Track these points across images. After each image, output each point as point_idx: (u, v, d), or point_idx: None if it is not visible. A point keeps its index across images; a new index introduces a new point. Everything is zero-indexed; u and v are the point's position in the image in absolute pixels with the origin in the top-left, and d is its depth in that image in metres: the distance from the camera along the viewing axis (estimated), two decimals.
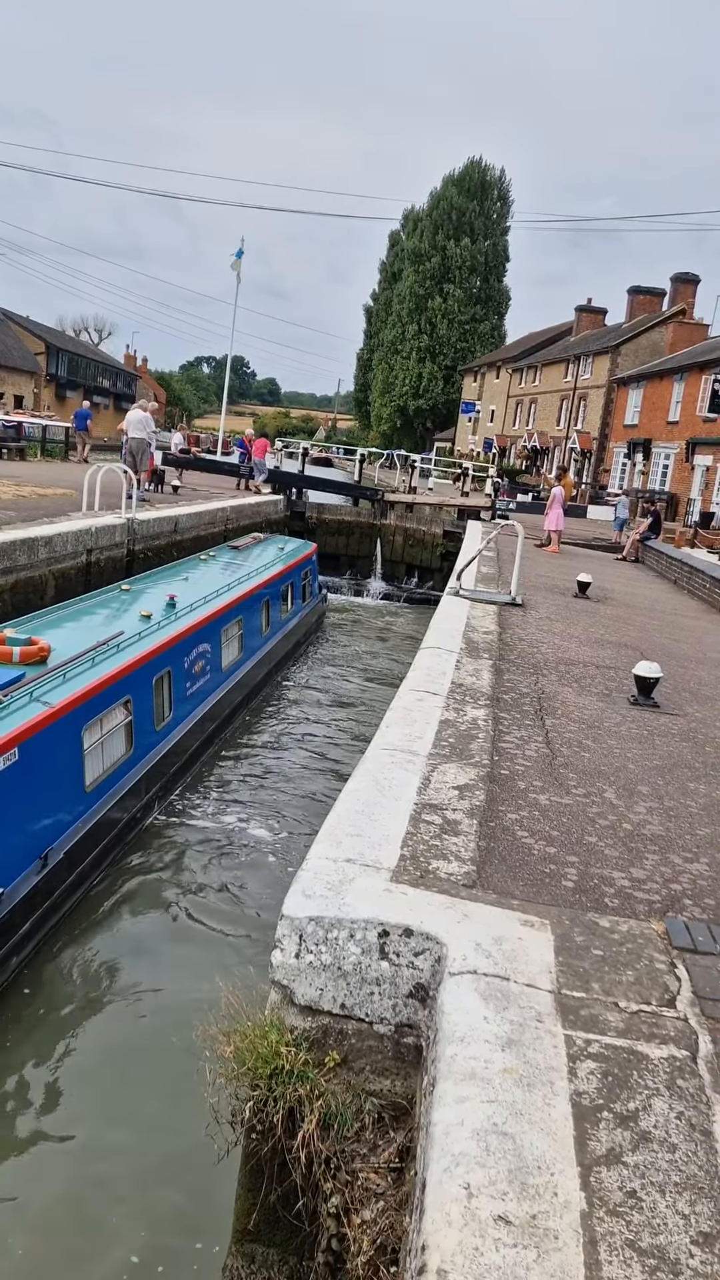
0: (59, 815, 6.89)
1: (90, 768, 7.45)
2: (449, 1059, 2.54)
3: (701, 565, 17.22)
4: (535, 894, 3.61)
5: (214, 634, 11.03)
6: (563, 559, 18.65)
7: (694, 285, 44.04)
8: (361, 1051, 3.08)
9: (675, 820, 4.70)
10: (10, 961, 6.10)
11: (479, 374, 63.60)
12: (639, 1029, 2.79)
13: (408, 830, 3.97)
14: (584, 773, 5.22)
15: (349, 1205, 2.83)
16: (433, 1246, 1.95)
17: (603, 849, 4.18)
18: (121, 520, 14.84)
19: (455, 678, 6.87)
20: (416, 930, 3.12)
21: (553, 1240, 1.99)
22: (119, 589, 11.23)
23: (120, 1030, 5.97)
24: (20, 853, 6.31)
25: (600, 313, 53.19)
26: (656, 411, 38.09)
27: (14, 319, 61.95)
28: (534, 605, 11.51)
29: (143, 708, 8.60)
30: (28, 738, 6.33)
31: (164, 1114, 5.19)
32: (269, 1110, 2.96)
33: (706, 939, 3.41)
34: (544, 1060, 2.57)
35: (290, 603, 15.98)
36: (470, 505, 28.15)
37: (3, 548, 11.43)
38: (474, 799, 4.48)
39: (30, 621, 8.99)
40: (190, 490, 23.56)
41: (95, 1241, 4.48)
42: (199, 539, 17.82)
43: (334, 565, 25.29)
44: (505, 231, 67.91)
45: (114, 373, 74.65)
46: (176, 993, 6.31)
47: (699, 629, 12.33)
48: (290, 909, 3.20)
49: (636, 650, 9.37)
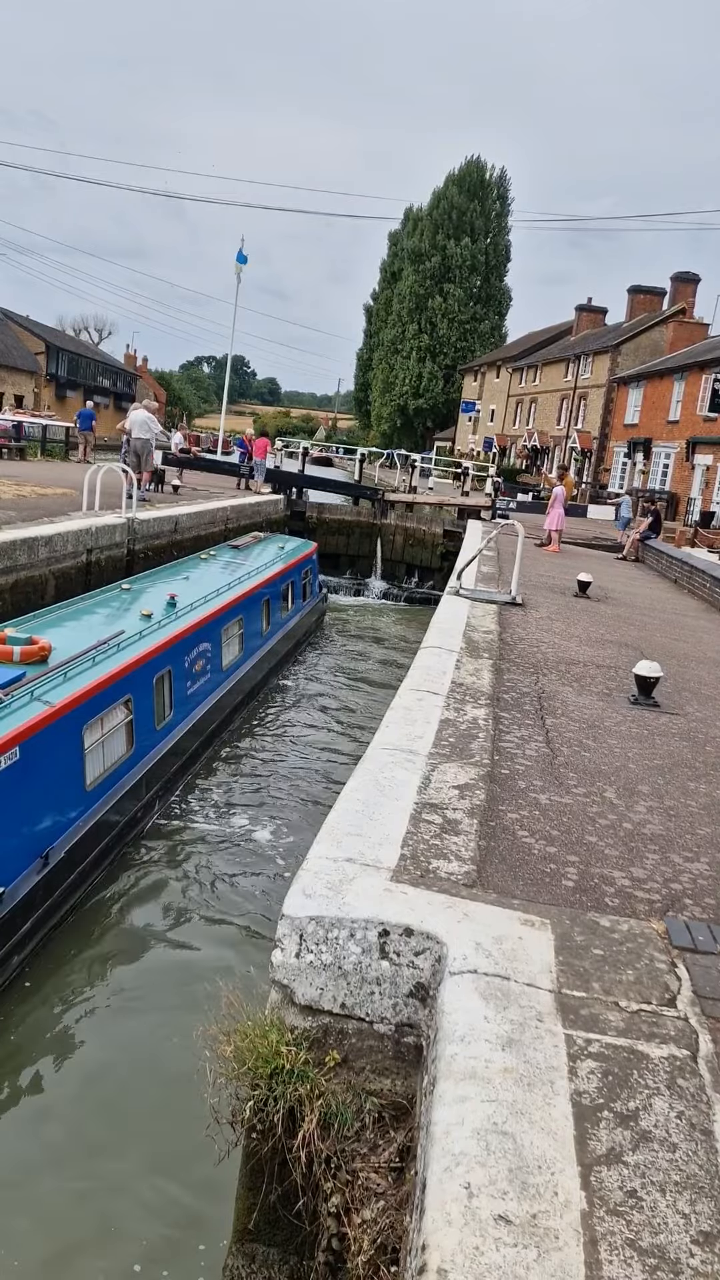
0: (60, 814, 6.89)
1: (91, 767, 7.44)
2: (449, 1058, 2.54)
3: (702, 565, 17.21)
4: (536, 893, 3.61)
5: (214, 633, 11.04)
6: (563, 558, 18.65)
7: (694, 284, 44.06)
8: (362, 1051, 3.08)
9: (675, 820, 4.70)
10: (12, 960, 6.10)
11: (479, 373, 63.59)
12: (639, 1028, 2.79)
13: (408, 830, 3.97)
14: (584, 772, 5.22)
15: (349, 1205, 2.83)
16: (433, 1246, 1.95)
17: (603, 848, 4.18)
18: (122, 520, 14.84)
19: (455, 677, 6.87)
20: (417, 930, 3.12)
21: (553, 1240, 1.99)
22: (119, 588, 11.23)
23: (120, 1030, 5.97)
24: (21, 852, 6.31)
25: (600, 312, 53.18)
26: (657, 411, 38.08)
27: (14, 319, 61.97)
28: (534, 605, 11.51)
29: (143, 707, 8.60)
30: (28, 737, 6.33)
31: (164, 1114, 5.19)
32: (269, 1110, 2.96)
33: (707, 938, 3.41)
34: (544, 1060, 2.57)
35: (290, 602, 15.98)
36: (470, 505, 28.15)
37: (3, 547, 11.43)
38: (474, 798, 4.48)
39: (31, 621, 8.99)
40: (190, 490, 23.55)
41: (96, 1241, 4.48)
42: (199, 539, 17.82)
43: (334, 565, 25.28)
44: (505, 231, 67.89)
45: (114, 372, 74.66)
46: (176, 992, 6.31)
47: (699, 628, 12.32)
48: (290, 909, 3.20)
49: (637, 650, 9.37)
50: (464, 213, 65.61)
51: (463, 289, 66.15)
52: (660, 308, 45.17)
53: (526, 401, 55.57)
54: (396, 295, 70.69)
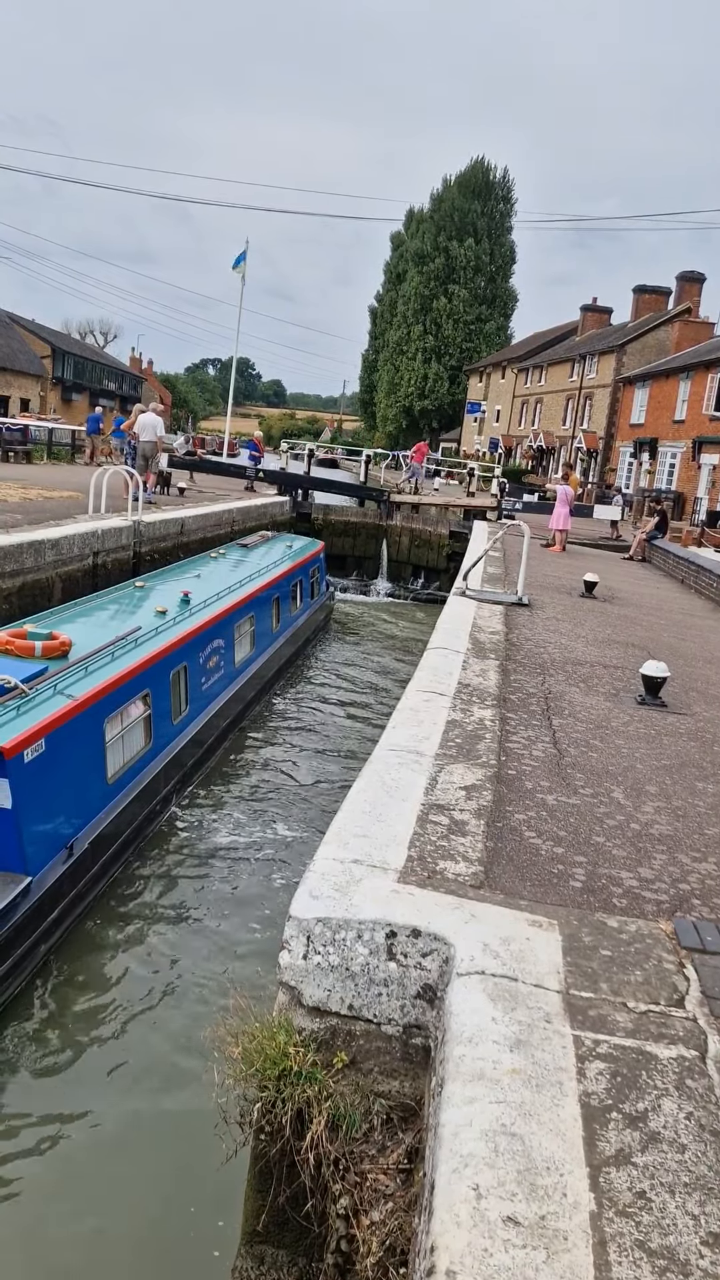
0: (83, 806, 6.97)
1: (112, 760, 7.54)
2: (457, 1060, 2.54)
3: (708, 564, 17.16)
4: (543, 894, 3.60)
5: (227, 630, 11.12)
6: (569, 559, 18.62)
7: (699, 284, 43.94)
8: (370, 1052, 3.08)
9: (683, 820, 4.68)
10: (39, 949, 6.14)
11: (484, 374, 63.55)
12: (648, 1029, 2.79)
13: (415, 831, 3.96)
14: (591, 773, 5.21)
15: (358, 1206, 2.82)
16: (442, 1247, 1.95)
17: (610, 849, 4.17)
18: (128, 523, 14.87)
19: (462, 678, 6.87)
20: (424, 931, 3.11)
21: (562, 1241, 1.99)
22: (133, 585, 11.32)
23: (130, 1030, 5.97)
24: (48, 842, 6.37)
25: (606, 312, 53.09)
26: (662, 410, 38.00)
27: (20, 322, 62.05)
28: (541, 605, 11.50)
29: (161, 701, 8.68)
30: (53, 729, 6.39)
31: (173, 1114, 5.19)
32: (277, 1111, 2.95)
33: (715, 939, 3.40)
34: (552, 1061, 2.57)
35: (299, 599, 16.04)
36: (476, 505, 28.12)
37: (10, 550, 11.46)
38: (481, 799, 4.47)
39: (49, 617, 9.08)
40: (196, 492, 23.58)
41: (104, 1241, 4.48)
42: (205, 541, 17.85)
43: (340, 566, 25.27)
44: (509, 231, 67.86)
45: (119, 375, 74.73)
46: (186, 993, 6.33)
47: (706, 628, 12.29)
48: (297, 910, 3.20)
49: (644, 650, 9.35)
50: (466, 214, 65.58)
51: (467, 290, 66.12)
52: (665, 307, 45.05)
53: (532, 402, 55.52)
54: (401, 296, 70.69)
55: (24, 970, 6.00)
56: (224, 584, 12.15)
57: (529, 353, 57.29)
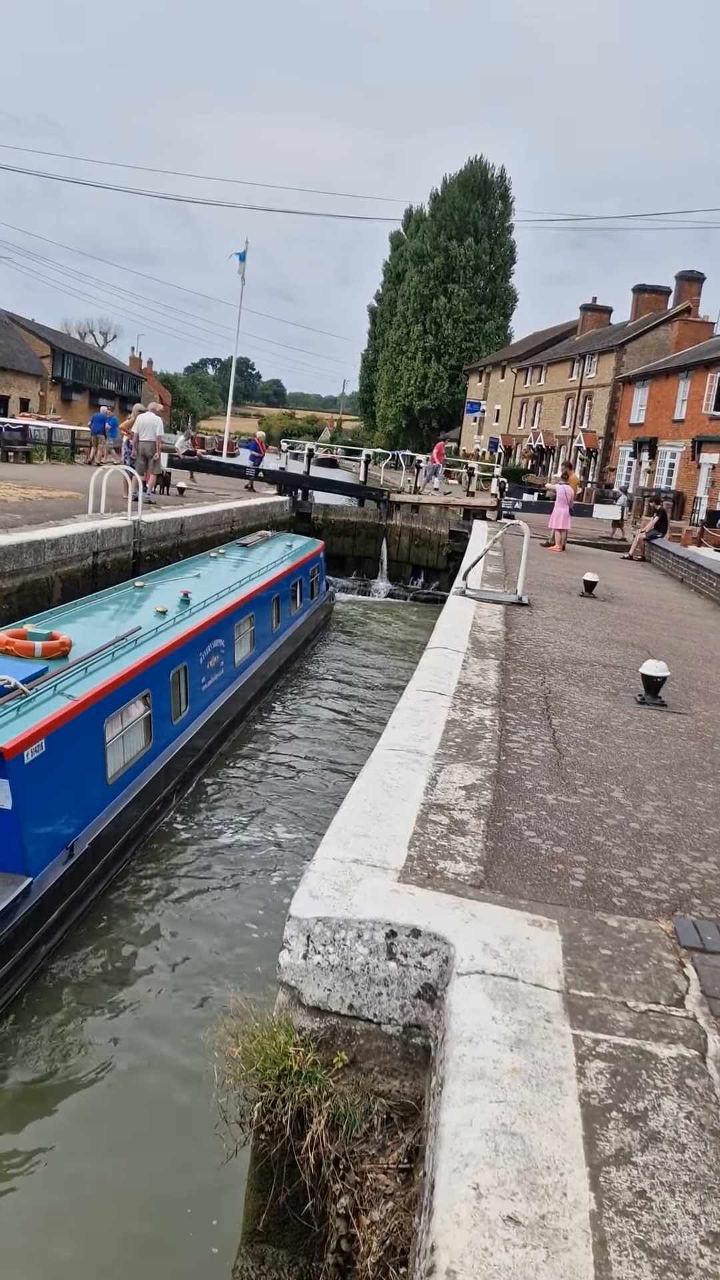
0: (83, 807, 6.97)
1: (112, 760, 7.54)
2: (457, 1059, 2.54)
3: (708, 564, 17.17)
4: (543, 894, 3.60)
5: (227, 629, 11.12)
6: (569, 558, 18.61)
7: (699, 283, 43.94)
8: (370, 1052, 3.08)
9: (683, 819, 4.68)
10: (39, 950, 6.14)
11: (484, 374, 63.54)
12: (648, 1028, 2.79)
13: (415, 831, 3.97)
14: (591, 772, 5.21)
15: (358, 1206, 2.82)
16: (442, 1247, 1.95)
17: (610, 848, 4.17)
18: (127, 522, 14.87)
19: (462, 678, 6.86)
20: (424, 930, 3.11)
21: (562, 1240, 1.99)
22: (133, 585, 11.31)
23: (131, 1030, 5.98)
24: (49, 843, 6.37)
25: (605, 312, 53.08)
26: (662, 410, 38.00)
27: (20, 322, 62.03)
28: (540, 605, 11.50)
29: (161, 702, 8.68)
30: (53, 730, 6.39)
31: (173, 1114, 5.19)
32: (277, 1111, 2.96)
33: (715, 938, 3.40)
34: (552, 1060, 2.57)
35: (299, 599, 16.04)
36: (476, 505, 28.11)
37: (10, 550, 11.46)
38: (481, 799, 4.47)
39: (49, 617, 9.07)
40: (196, 492, 23.58)
41: (104, 1241, 4.48)
42: (205, 541, 17.85)
43: (340, 566, 25.26)
44: (509, 231, 67.85)
45: (119, 375, 74.73)
46: (186, 993, 6.33)
47: (706, 627, 12.29)
48: (297, 910, 3.20)
49: (644, 649, 9.35)
50: (466, 213, 65.59)
51: (467, 289, 66.12)
52: (665, 307, 45.05)
53: (532, 401, 55.51)
54: (401, 296, 70.69)
55: (24, 971, 6.00)
56: (224, 584, 12.14)
57: (529, 352, 57.29)
